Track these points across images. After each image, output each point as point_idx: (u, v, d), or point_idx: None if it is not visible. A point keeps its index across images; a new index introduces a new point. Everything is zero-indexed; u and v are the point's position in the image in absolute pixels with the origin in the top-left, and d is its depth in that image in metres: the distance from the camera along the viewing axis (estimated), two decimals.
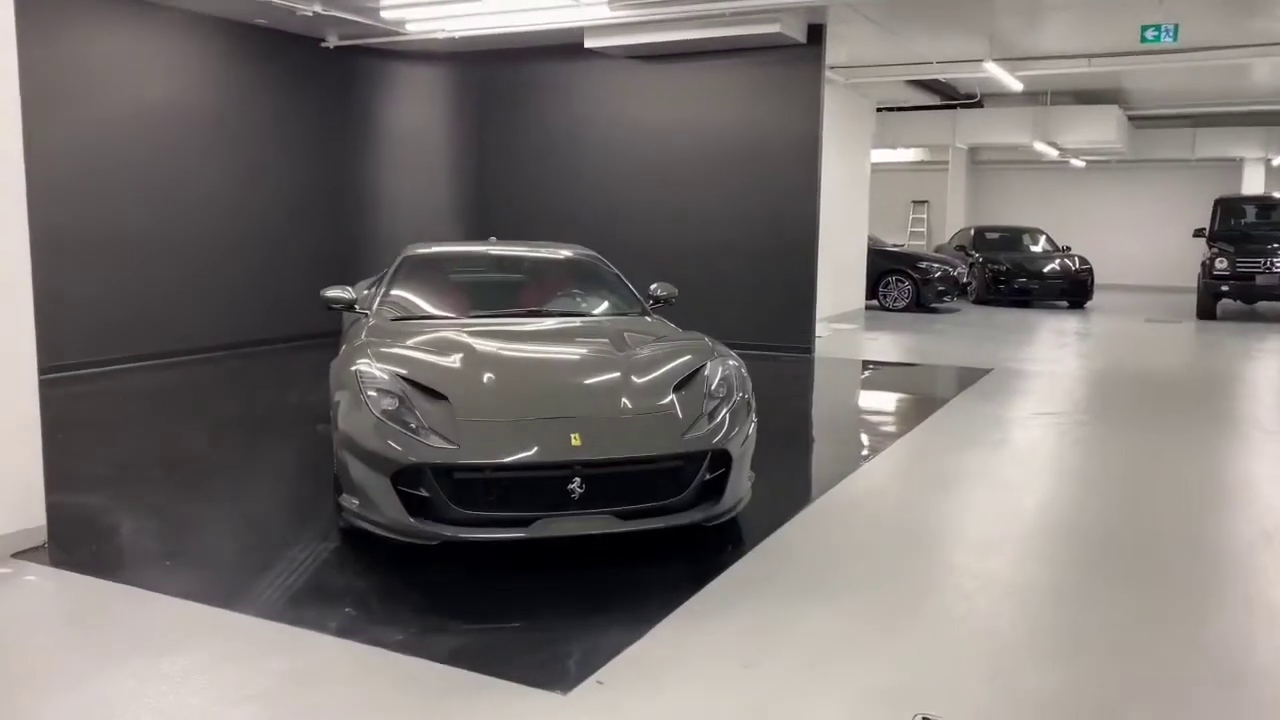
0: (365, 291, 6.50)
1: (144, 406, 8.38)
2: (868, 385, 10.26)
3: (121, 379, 9.26)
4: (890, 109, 18.05)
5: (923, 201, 24.97)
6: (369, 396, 4.46)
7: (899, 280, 16.71)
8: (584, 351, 5.33)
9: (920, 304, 16.54)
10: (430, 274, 6.34)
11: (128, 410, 8.18)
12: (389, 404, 4.43)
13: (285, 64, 11.44)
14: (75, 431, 7.18)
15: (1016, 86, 14.02)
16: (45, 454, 4.72)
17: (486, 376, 4.67)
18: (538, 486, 4.31)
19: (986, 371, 10.18)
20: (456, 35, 10.87)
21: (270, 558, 4.55)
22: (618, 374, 4.82)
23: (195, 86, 10.51)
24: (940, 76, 13.81)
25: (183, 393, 9.03)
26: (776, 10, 9.84)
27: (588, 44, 10.98)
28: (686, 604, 4.06)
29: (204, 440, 7.07)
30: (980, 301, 18.21)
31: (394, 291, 6.04)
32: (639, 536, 4.47)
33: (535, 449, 4.31)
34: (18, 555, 4.51)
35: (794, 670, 3.51)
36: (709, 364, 4.97)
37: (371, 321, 5.69)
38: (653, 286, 6.54)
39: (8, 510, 4.51)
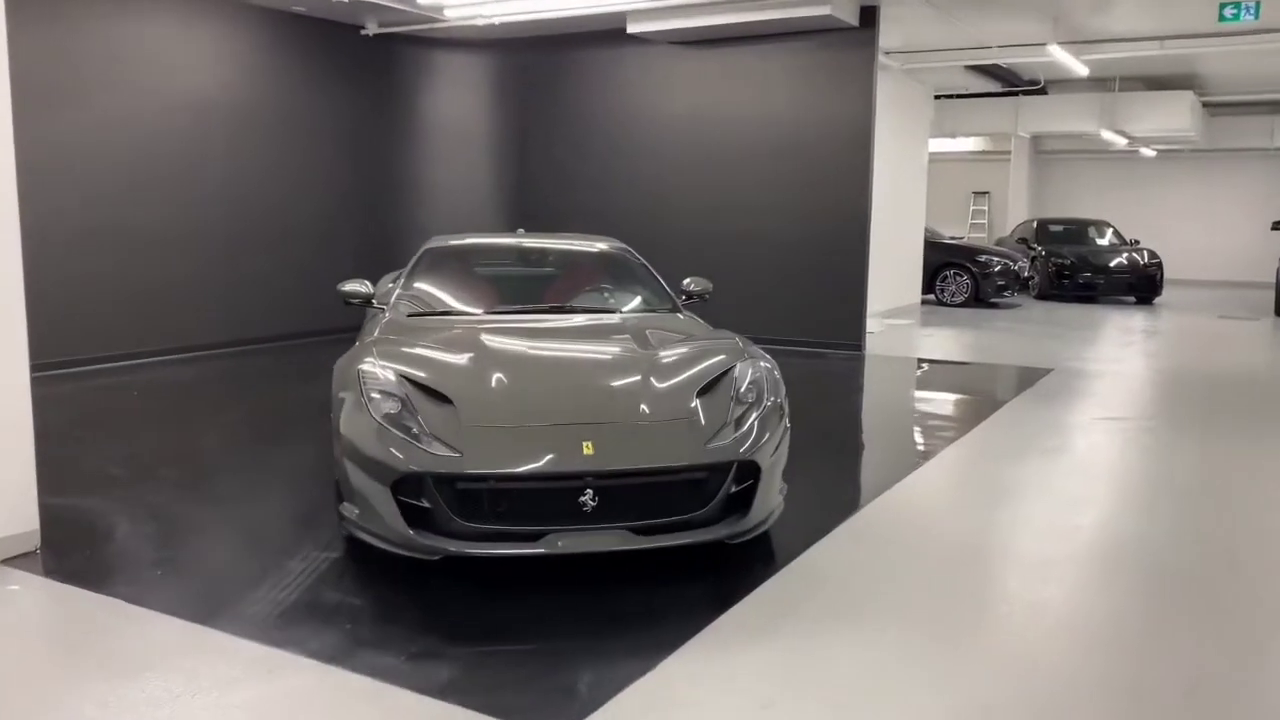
0: (390, 285, 6.24)
1: (170, 402, 8.22)
2: (919, 385, 9.77)
3: (154, 372, 9.13)
4: (949, 96, 17.42)
5: (984, 193, 24.19)
6: (371, 399, 4.17)
7: (957, 274, 16.13)
8: (603, 351, 4.98)
9: (979, 299, 15.96)
10: (451, 267, 6.06)
11: (153, 406, 8.02)
12: (391, 407, 4.15)
13: (324, 53, 11.26)
14: (95, 428, 7.05)
15: (1082, 71, 13.37)
16: (59, 453, 4.50)
17: (495, 378, 4.35)
18: (546, 498, 3.99)
19: (1047, 371, 9.65)
20: (496, 21, 10.58)
21: (266, 568, 4.28)
22: (637, 377, 4.47)
23: (233, 76, 10.37)
24: (1001, 61, 13.21)
25: (212, 387, 8.87)
26: None
27: (630, 29, 10.63)
28: (705, 630, 3.70)
29: (222, 437, 6.88)
30: (1042, 297, 17.54)
31: (413, 285, 5.77)
32: (657, 553, 4.13)
33: (543, 458, 3.98)
34: (7, 561, 4.31)
35: (819, 713, 3.14)
36: (738, 365, 4.60)
37: (387, 317, 5.43)
38: (685, 281, 6.19)
39: None
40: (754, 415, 4.36)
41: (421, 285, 5.78)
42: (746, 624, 3.80)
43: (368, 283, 5.82)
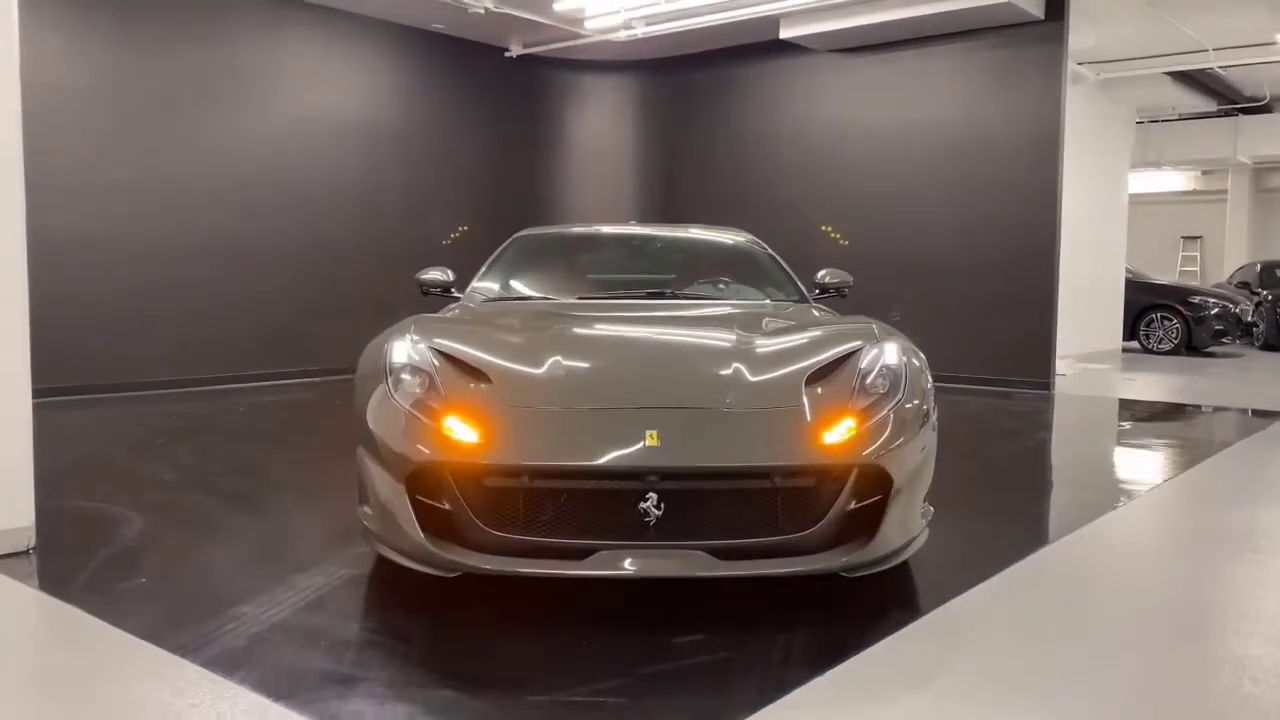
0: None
1: (272, 420, 7.75)
2: (1119, 424, 8.22)
3: (278, 393, 8.75)
4: (1152, 121, 15.61)
5: (1195, 238, 21.78)
6: (393, 376, 3.35)
7: (1165, 317, 14.18)
8: (695, 336, 4.01)
9: (1191, 346, 13.95)
10: (543, 256, 5.27)
11: (253, 422, 7.55)
12: (418, 387, 3.30)
13: (469, 74, 10.93)
14: (176, 443, 6.59)
15: None
16: (128, 465, 3.91)
17: (551, 360, 3.43)
18: (596, 504, 3.04)
19: None
20: (639, 33, 9.95)
21: (268, 581, 3.48)
22: (729, 358, 3.47)
23: (375, 94, 10.14)
24: (1217, 65, 11.53)
25: (317, 408, 8.36)
26: None
27: (783, 34, 9.75)
28: (800, 690, 2.65)
29: (301, 456, 6.28)
30: (1269, 347, 15.25)
31: (495, 273, 4.99)
32: (747, 584, 3.11)
33: (593, 449, 3.04)
34: None
35: None
36: (866, 347, 3.52)
37: (458, 305, 4.66)
38: (820, 274, 5.14)
39: None
40: (885, 409, 3.28)
41: (505, 273, 5.00)
42: (857, 686, 2.70)
43: (449, 271, 5.07)
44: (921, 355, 3.71)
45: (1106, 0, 9.06)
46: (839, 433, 3.16)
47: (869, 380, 3.38)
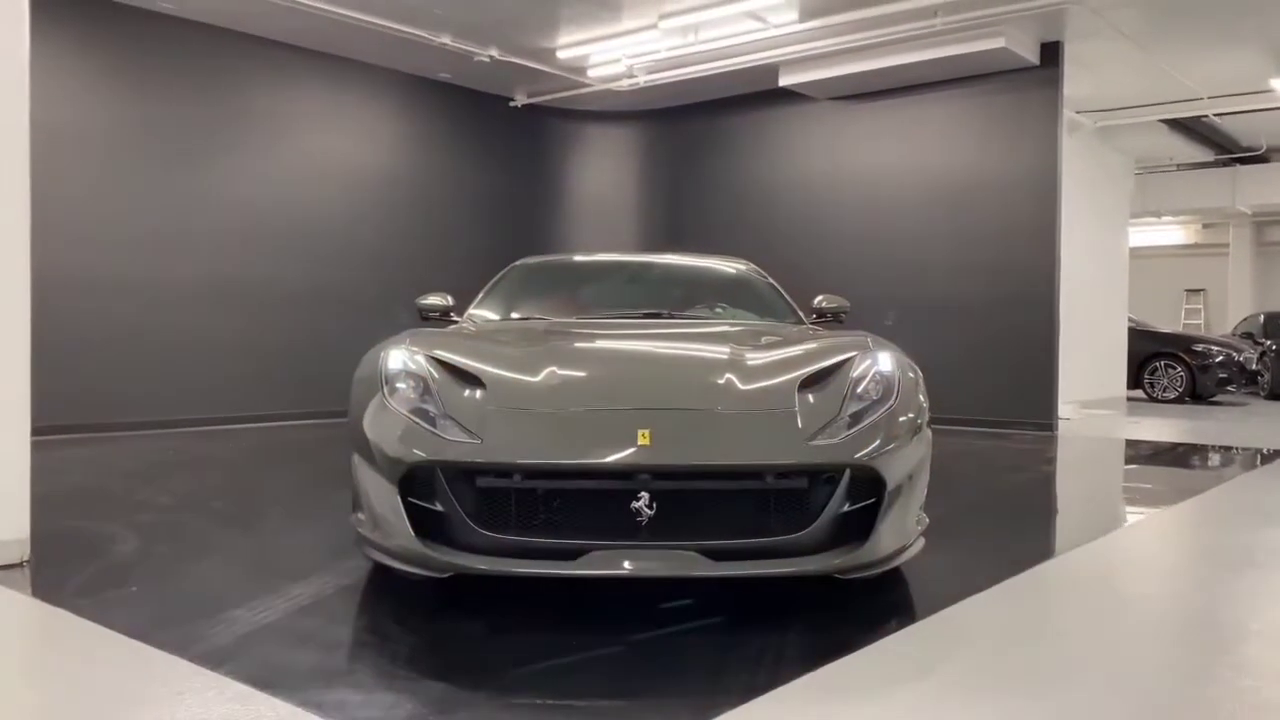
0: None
1: (270, 457, 7.74)
2: (1125, 460, 8.16)
3: (280, 433, 8.75)
4: (1151, 172, 15.75)
5: (1198, 290, 21.84)
6: (389, 384, 3.37)
7: (1169, 365, 14.14)
8: (691, 347, 4.04)
9: (1196, 395, 13.90)
10: (541, 282, 5.33)
11: (251, 459, 7.55)
12: (412, 392, 3.32)
13: (473, 123, 11.10)
14: (172, 474, 6.60)
15: None
16: (123, 492, 3.94)
17: (545, 366, 3.45)
18: (589, 503, 3.04)
19: None
20: (641, 81, 10.13)
21: (259, 590, 3.47)
22: (722, 368, 3.49)
23: (381, 143, 10.31)
24: (1211, 114, 11.66)
25: (316, 447, 8.35)
26: (999, 20, 8.38)
27: (783, 82, 9.90)
28: (794, 683, 2.61)
29: (299, 483, 6.27)
30: (1274, 396, 15.19)
31: (491, 299, 5.05)
32: (740, 586, 3.09)
33: (585, 448, 3.05)
34: None
35: None
36: (858, 355, 3.54)
37: (455, 326, 4.71)
38: (817, 299, 5.17)
39: None
40: (878, 414, 3.28)
41: (502, 299, 5.06)
42: (854, 681, 2.67)
43: (449, 297, 5.12)
44: (917, 370, 3.72)
45: (1101, 46, 9.18)
46: (831, 434, 3.16)
47: (862, 387, 3.39)
